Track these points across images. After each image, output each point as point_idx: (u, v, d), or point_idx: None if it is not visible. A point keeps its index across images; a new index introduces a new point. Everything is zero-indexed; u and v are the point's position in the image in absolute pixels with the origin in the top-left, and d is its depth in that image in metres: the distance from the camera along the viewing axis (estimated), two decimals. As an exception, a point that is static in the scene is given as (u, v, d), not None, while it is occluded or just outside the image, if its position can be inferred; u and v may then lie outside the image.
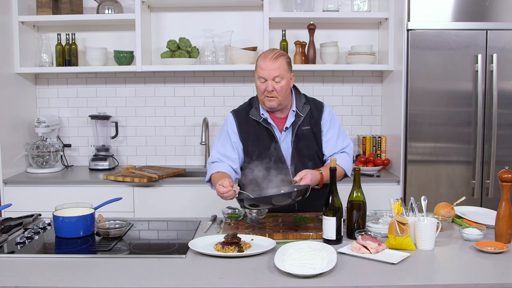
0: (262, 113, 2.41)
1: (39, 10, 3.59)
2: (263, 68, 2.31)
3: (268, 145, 2.40)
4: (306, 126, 2.42)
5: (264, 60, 2.32)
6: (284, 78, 2.32)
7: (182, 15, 3.83)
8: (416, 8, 3.30)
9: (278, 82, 2.31)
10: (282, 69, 2.31)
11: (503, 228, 1.98)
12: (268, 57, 2.32)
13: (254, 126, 2.43)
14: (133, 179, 3.33)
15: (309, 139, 2.43)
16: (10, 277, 1.69)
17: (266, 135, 2.41)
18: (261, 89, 2.34)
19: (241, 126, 2.45)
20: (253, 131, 2.43)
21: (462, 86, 3.33)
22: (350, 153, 2.48)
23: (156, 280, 1.67)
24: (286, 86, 2.34)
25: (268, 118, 2.41)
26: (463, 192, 3.33)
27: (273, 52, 2.35)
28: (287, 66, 2.34)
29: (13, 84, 3.57)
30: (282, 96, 2.34)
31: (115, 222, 2.20)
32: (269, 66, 2.30)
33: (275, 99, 2.33)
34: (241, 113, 2.48)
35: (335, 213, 1.98)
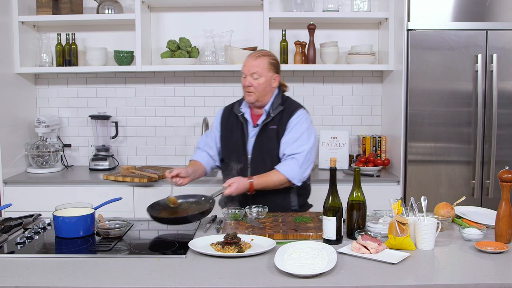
0: (242, 108, 2.62)
1: (39, 10, 3.59)
2: (245, 64, 2.55)
3: (238, 138, 2.60)
4: (274, 126, 2.56)
5: (249, 58, 2.55)
6: (263, 76, 2.52)
7: (182, 15, 3.83)
8: (416, 8, 3.30)
9: (256, 78, 2.51)
10: (261, 67, 2.52)
11: (503, 228, 1.98)
12: (252, 55, 2.55)
13: (234, 119, 2.65)
14: (133, 179, 3.33)
15: (272, 138, 2.55)
16: (10, 277, 1.69)
17: (240, 128, 2.61)
18: (242, 84, 2.57)
19: (223, 118, 2.70)
20: (231, 123, 2.65)
21: (462, 86, 3.33)
22: (299, 160, 2.48)
23: (156, 280, 1.67)
24: (264, 84, 2.52)
25: (246, 113, 2.61)
26: (463, 192, 3.33)
27: (259, 52, 2.58)
28: (267, 66, 2.53)
29: (13, 84, 3.57)
30: (259, 92, 2.52)
31: (115, 222, 2.20)
32: (249, 63, 2.52)
33: (252, 94, 2.53)
34: (228, 108, 2.73)
35: (335, 213, 1.98)
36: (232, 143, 2.62)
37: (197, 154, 2.74)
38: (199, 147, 2.76)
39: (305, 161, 2.49)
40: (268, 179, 2.47)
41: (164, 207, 2.35)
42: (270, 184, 2.47)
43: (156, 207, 2.33)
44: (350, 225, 2.08)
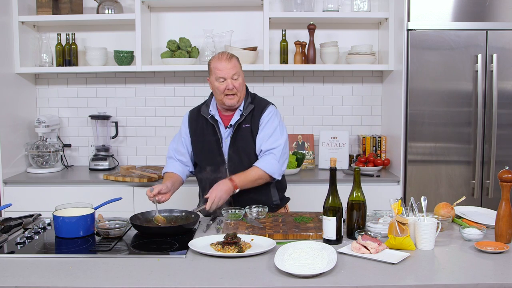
0: (210, 110, 2.59)
1: (39, 10, 3.59)
2: (221, 68, 2.49)
3: (211, 140, 2.57)
4: (247, 125, 2.55)
5: (220, 62, 2.50)
6: (240, 75, 2.52)
7: (182, 15, 3.83)
8: (416, 8, 3.30)
9: (236, 79, 2.49)
10: (238, 67, 2.52)
11: (503, 228, 1.98)
12: (223, 58, 2.51)
13: (203, 122, 2.61)
14: (133, 179, 3.33)
15: (246, 137, 2.55)
16: (10, 277, 1.69)
17: (211, 131, 2.58)
18: (221, 89, 2.50)
19: (191, 122, 2.64)
20: (201, 127, 2.61)
21: (462, 86, 3.33)
22: (277, 155, 2.50)
23: (156, 280, 1.67)
24: (243, 82, 2.54)
25: (216, 115, 2.58)
26: (463, 192, 3.33)
27: (226, 53, 2.54)
28: (239, 65, 2.54)
29: (13, 84, 3.57)
30: (241, 92, 2.52)
31: (115, 222, 2.20)
32: (226, 66, 2.48)
33: (235, 96, 2.50)
34: (194, 111, 2.68)
35: (335, 213, 1.98)
36: (205, 146, 2.58)
37: (169, 165, 2.68)
38: (170, 156, 2.70)
39: (282, 155, 2.51)
40: (249, 176, 2.45)
41: (148, 221, 2.30)
42: (252, 181, 2.46)
43: (139, 219, 2.30)
44: (350, 225, 2.08)
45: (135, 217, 2.27)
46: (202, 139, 2.60)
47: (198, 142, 2.61)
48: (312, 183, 3.41)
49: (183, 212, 2.36)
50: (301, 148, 3.82)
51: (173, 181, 2.54)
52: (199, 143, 2.61)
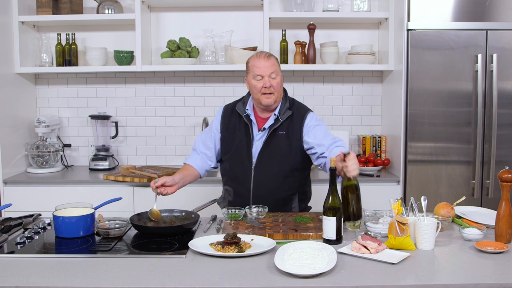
0: (247, 109, 2.54)
1: (39, 10, 3.59)
2: (259, 66, 2.44)
3: (242, 139, 2.52)
4: (282, 131, 2.49)
5: (259, 59, 2.45)
6: (279, 74, 2.47)
7: (182, 15, 3.83)
8: (416, 8, 3.30)
9: (274, 78, 2.44)
10: (276, 65, 2.47)
11: (503, 228, 1.98)
12: (262, 56, 2.47)
13: (236, 119, 2.56)
14: (133, 179, 3.33)
15: (281, 144, 2.49)
16: (10, 277, 1.69)
17: (244, 130, 2.53)
18: (258, 87, 2.44)
19: (224, 117, 2.60)
20: (233, 124, 2.56)
21: (462, 86, 3.33)
22: (344, 146, 2.42)
23: (156, 280, 1.67)
24: (280, 82, 2.49)
25: (251, 115, 2.53)
26: (463, 192, 3.33)
27: (265, 52, 2.51)
28: (278, 65, 2.50)
29: (13, 84, 3.57)
30: (278, 92, 2.47)
31: (115, 222, 2.20)
32: (265, 64, 2.44)
33: (272, 95, 2.45)
34: (229, 106, 2.64)
35: (335, 213, 1.98)
36: (234, 145, 2.53)
37: (191, 157, 2.64)
38: (194, 148, 2.66)
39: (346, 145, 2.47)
40: None
41: (146, 218, 2.30)
42: None
43: (140, 217, 2.30)
44: (346, 211, 2.09)
45: (135, 217, 2.27)
46: (232, 137, 2.55)
47: (228, 140, 2.56)
48: (312, 183, 3.40)
49: (183, 212, 2.36)
50: (301, 148, 3.81)
51: (184, 175, 2.50)
52: (229, 141, 2.56)
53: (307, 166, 2.60)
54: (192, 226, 2.21)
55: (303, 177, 2.61)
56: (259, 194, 2.49)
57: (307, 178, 2.66)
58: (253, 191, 2.51)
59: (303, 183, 2.61)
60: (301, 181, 2.60)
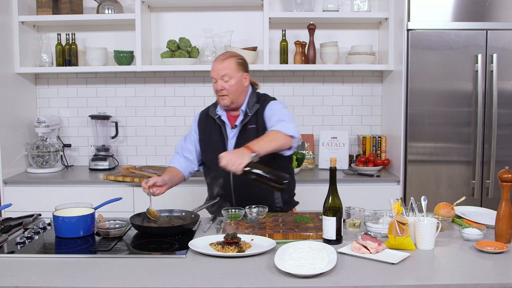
0: (217, 111, 2.59)
1: (39, 10, 3.59)
2: (213, 68, 2.51)
3: (218, 140, 2.57)
4: (252, 125, 2.53)
5: (215, 62, 2.51)
6: (233, 77, 2.48)
7: (182, 15, 3.83)
8: (416, 8, 3.30)
9: (227, 81, 2.47)
10: (230, 68, 2.47)
11: (503, 228, 1.98)
12: (218, 58, 2.52)
13: (211, 122, 2.62)
14: (133, 179, 3.33)
15: (252, 137, 2.46)
16: (10, 277, 1.69)
17: (218, 131, 2.58)
18: (214, 89, 2.53)
19: (200, 122, 2.67)
20: (209, 127, 2.62)
21: (462, 86, 3.33)
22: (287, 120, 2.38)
23: (156, 280, 1.67)
24: (236, 85, 2.49)
25: (222, 116, 2.58)
26: (463, 192, 3.33)
27: (224, 54, 2.53)
28: (235, 66, 2.49)
29: (13, 84, 3.57)
30: (233, 94, 2.49)
31: (115, 222, 2.20)
32: (217, 66, 2.49)
33: (226, 97, 2.49)
34: (204, 112, 2.70)
35: (335, 213, 1.98)
36: (211, 146, 2.58)
37: (174, 160, 2.69)
38: (177, 151, 2.71)
39: (292, 121, 2.40)
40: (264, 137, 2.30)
41: (144, 218, 2.30)
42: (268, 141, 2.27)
43: (140, 217, 2.30)
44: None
45: (135, 217, 2.27)
46: (209, 139, 2.61)
47: (205, 142, 2.62)
48: (312, 183, 3.41)
49: (183, 212, 2.36)
50: (301, 148, 3.82)
51: (172, 176, 2.54)
52: (206, 143, 2.62)
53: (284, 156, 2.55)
54: (192, 226, 2.21)
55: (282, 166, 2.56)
56: (241, 190, 2.51)
57: (288, 167, 2.64)
58: (234, 189, 2.53)
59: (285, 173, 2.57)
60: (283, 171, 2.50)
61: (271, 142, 2.28)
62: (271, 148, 2.27)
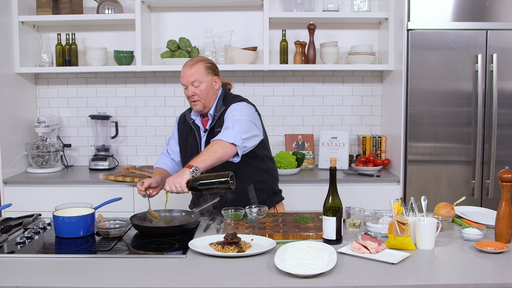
0: (192, 115, 2.60)
1: (39, 10, 3.59)
2: (182, 75, 2.49)
3: (193, 144, 2.58)
4: (218, 128, 2.48)
5: (184, 69, 2.50)
6: (203, 82, 2.46)
7: (182, 15, 3.83)
8: (416, 8, 3.30)
9: (197, 86, 2.46)
10: (199, 73, 2.46)
11: (503, 228, 1.98)
12: (187, 64, 2.50)
13: (188, 126, 2.63)
14: (133, 179, 3.33)
15: None
16: (10, 277, 1.69)
17: (193, 135, 2.59)
18: (185, 95, 2.51)
19: (179, 125, 2.68)
20: (186, 131, 2.63)
21: (462, 86, 3.33)
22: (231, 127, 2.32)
23: (156, 280, 1.67)
24: (206, 89, 2.48)
25: (196, 120, 2.59)
26: (463, 192, 3.33)
27: (193, 59, 2.51)
28: (204, 71, 2.48)
29: (13, 84, 3.57)
30: (204, 99, 2.49)
31: (115, 222, 2.20)
32: (186, 73, 2.47)
33: (198, 102, 2.49)
34: (183, 115, 2.70)
35: (335, 213, 1.98)
36: (187, 150, 2.59)
37: (161, 160, 2.69)
38: (163, 152, 2.72)
39: (238, 127, 2.32)
40: (204, 151, 2.27)
41: (144, 219, 2.30)
42: (209, 153, 2.23)
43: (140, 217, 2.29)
44: None
45: (135, 217, 2.27)
46: (186, 143, 2.62)
47: (183, 145, 2.64)
48: (312, 183, 3.41)
49: (183, 212, 2.36)
50: (301, 148, 3.82)
51: (161, 177, 2.49)
52: (184, 146, 2.64)
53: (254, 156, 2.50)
54: (192, 226, 2.21)
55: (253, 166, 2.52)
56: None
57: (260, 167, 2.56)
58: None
59: (256, 173, 2.54)
60: (252, 170, 2.52)
61: (211, 155, 2.23)
62: (211, 161, 2.22)
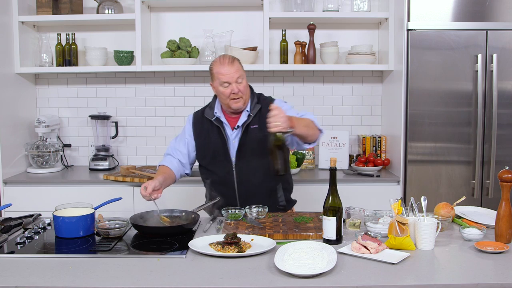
0: (215, 112, 2.55)
1: (39, 10, 3.59)
2: (224, 73, 2.44)
3: (217, 142, 2.54)
4: (255, 125, 2.51)
5: (223, 66, 2.45)
6: (244, 78, 2.48)
7: (182, 15, 3.83)
8: (416, 8, 3.30)
9: (240, 82, 2.46)
10: (241, 70, 2.48)
11: (503, 228, 1.98)
12: (225, 62, 2.46)
13: (208, 124, 2.58)
14: (133, 179, 3.33)
15: (256, 138, 2.50)
16: (10, 277, 1.69)
17: (217, 133, 2.55)
18: (226, 94, 2.46)
19: (195, 125, 2.62)
20: (206, 129, 2.58)
21: (462, 86, 3.33)
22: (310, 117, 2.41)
23: (156, 280, 1.67)
24: (247, 85, 2.51)
25: (221, 117, 2.55)
26: (463, 192, 3.33)
27: (228, 57, 2.49)
28: (242, 67, 2.50)
29: (13, 84, 3.57)
30: (246, 95, 2.50)
31: (115, 222, 2.20)
32: (230, 70, 2.44)
33: (240, 99, 2.48)
34: (198, 113, 2.65)
35: (335, 213, 1.98)
36: (211, 149, 2.55)
37: (167, 159, 2.64)
38: (168, 153, 2.65)
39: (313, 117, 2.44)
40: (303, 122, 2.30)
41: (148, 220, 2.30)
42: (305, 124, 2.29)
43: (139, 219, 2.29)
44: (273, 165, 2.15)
45: (135, 217, 2.27)
46: (207, 142, 2.56)
47: (204, 145, 2.57)
48: (312, 183, 3.41)
49: (183, 212, 2.36)
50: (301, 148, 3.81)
51: (165, 177, 2.49)
52: (205, 146, 2.57)
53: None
54: (192, 226, 2.21)
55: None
56: (245, 191, 2.51)
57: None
58: (238, 189, 2.52)
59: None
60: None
61: (306, 128, 2.31)
62: (303, 132, 2.30)
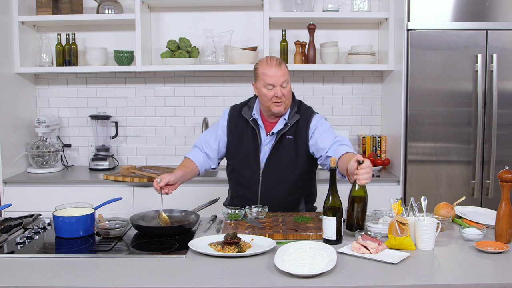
0: (253, 113, 2.49)
1: (39, 10, 3.59)
2: (271, 75, 2.37)
3: (250, 144, 2.48)
4: (290, 136, 2.46)
5: (270, 68, 2.37)
6: (289, 82, 2.43)
7: (182, 15, 3.83)
8: (416, 8, 3.30)
9: (285, 87, 2.39)
10: (288, 74, 2.42)
11: (503, 228, 1.98)
12: (273, 64, 2.38)
13: (243, 123, 2.51)
14: (133, 179, 3.33)
15: (288, 148, 2.46)
16: (10, 277, 1.69)
17: (251, 134, 2.49)
18: (268, 96, 2.39)
19: (231, 120, 2.55)
20: (240, 128, 2.52)
21: (462, 86, 3.33)
22: (348, 144, 2.38)
23: (156, 280, 1.67)
24: (290, 90, 2.44)
25: (258, 119, 2.49)
26: (463, 192, 3.33)
27: (275, 59, 2.42)
28: (288, 72, 2.43)
29: (13, 84, 3.57)
30: (288, 100, 2.43)
31: (115, 222, 2.20)
32: (277, 73, 2.37)
33: (282, 103, 2.41)
34: (235, 109, 2.58)
35: (335, 213, 1.98)
36: (242, 150, 2.50)
37: (193, 152, 2.60)
38: (197, 145, 2.62)
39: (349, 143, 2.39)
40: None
41: (148, 220, 2.30)
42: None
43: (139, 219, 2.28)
44: (350, 219, 2.08)
45: (135, 217, 2.27)
46: (240, 141, 2.51)
47: (235, 144, 2.52)
48: (312, 183, 3.41)
49: (183, 212, 2.36)
50: (301, 148, 3.82)
51: (185, 172, 2.46)
52: (236, 145, 2.52)
53: (313, 169, 2.59)
54: (192, 226, 2.21)
55: (310, 178, 2.59)
56: (267, 199, 2.47)
57: (313, 179, 2.65)
58: (261, 195, 2.50)
59: (309, 185, 2.61)
60: (308, 183, 2.59)
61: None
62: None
